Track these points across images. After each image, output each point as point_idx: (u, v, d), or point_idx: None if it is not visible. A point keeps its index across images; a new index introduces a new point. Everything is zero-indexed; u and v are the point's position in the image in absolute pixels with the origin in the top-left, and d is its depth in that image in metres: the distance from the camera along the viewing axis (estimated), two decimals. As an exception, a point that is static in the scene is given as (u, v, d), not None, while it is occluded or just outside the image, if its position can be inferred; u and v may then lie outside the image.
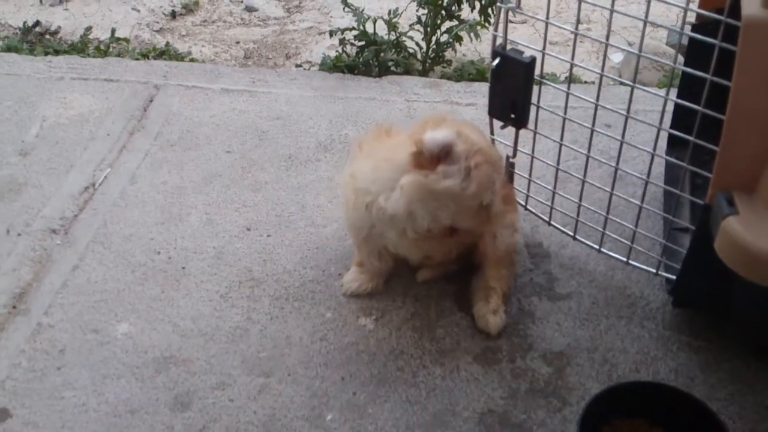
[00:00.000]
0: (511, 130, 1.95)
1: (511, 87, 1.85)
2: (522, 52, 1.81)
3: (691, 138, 1.62)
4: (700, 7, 1.86)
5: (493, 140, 2.05)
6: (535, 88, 1.87)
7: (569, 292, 1.97)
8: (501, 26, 1.83)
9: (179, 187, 2.31)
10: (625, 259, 1.97)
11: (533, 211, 2.14)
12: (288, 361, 1.81)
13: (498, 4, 1.82)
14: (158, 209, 2.23)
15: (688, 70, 1.59)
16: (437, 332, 1.87)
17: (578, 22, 1.81)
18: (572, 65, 1.84)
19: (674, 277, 1.81)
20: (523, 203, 2.14)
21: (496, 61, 1.83)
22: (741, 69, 1.35)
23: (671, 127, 1.88)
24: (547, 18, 1.81)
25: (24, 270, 2.04)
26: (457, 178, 1.55)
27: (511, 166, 2.04)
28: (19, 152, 2.45)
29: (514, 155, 2.03)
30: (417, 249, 1.84)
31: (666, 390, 1.59)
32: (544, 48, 1.85)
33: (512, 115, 1.89)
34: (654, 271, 1.92)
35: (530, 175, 2.07)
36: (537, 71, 1.83)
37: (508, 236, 1.91)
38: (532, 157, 2.03)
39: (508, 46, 1.84)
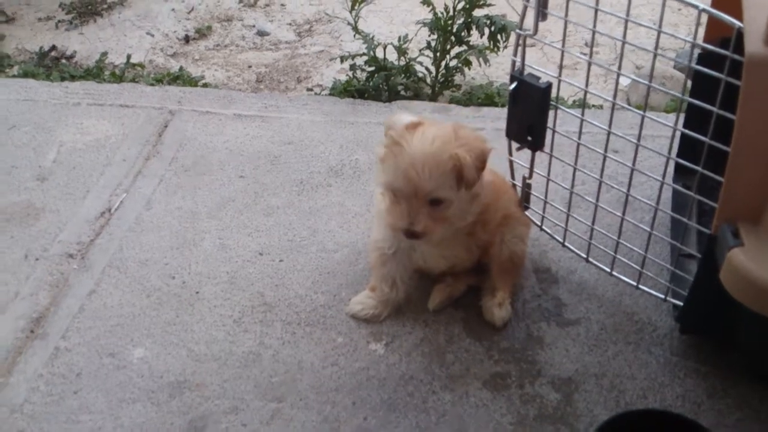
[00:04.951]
0: (526, 152, 1.99)
1: (528, 111, 1.89)
2: (539, 78, 1.86)
3: (698, 168, 1.65)
4: (707, 37, 1.89)
5: (511, 162, 2.08)
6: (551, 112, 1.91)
7: (578, 317, 1.99)
8: (519, 52, 1.87)
9: (193, 212, 2.35)
10: (635, 284, 1.99)
11: (549, 232, 2.17)
12: (300, 386, 1.83)
13: (517, 30, 1.86)
14: (173, 234, 2.27)
15: (695, 102, 1.62)
16: (447, 358, 1.90)
17: (591, 49, 1.85)
18: (586, 92, 1.88)
19: (681, 304, 1.83)
20: (539, 224, 2.17)
21: (514, 85, 1.87)
22: (745, 104, 1.38)
23: (679, 153, 1.91)
24: (563, 46, 1.85)
25: (42, 294, 2.08)
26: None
27: (527, 187, 2.07)
28: (36, 177, 2.50)
29: (530, 176, 2.06)
30: (443, 258, 1.95)
31: (673, 417, 1.61)
32: (560, 75, 1.89)
33: (529, 138, 1.93)
34: (663, 296, 1.93)
35: (546, 197, 2.09)
36: (552, 96, 1.87)
37: (515, 243, 1.99)
38: (548, 180, 2.06)
39: (526, 71, 1.88)
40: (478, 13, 2.94)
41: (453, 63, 3.07)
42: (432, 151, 1.70)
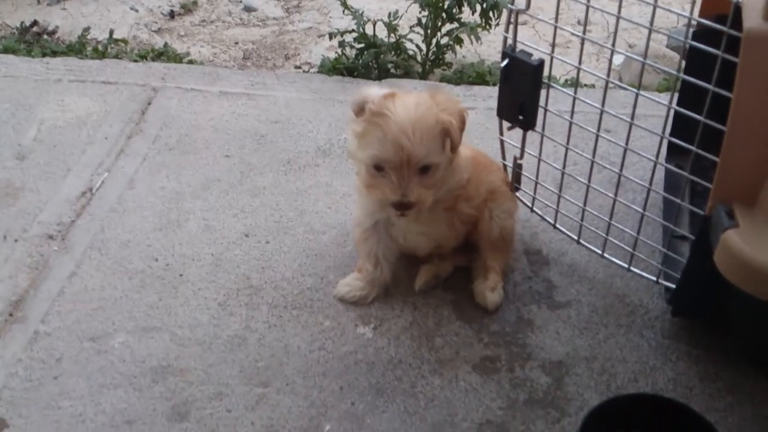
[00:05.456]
0: (517, 131, 1.95)
1: (520, 88, 1.85)
2: (531, 55, 1.81)
3: (692, 148, 1.61)
4: (701, 13, 1.85)
5: (502, 142, 2.04)
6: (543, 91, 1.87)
7: (568, 300, 1.96)
8: (511, 28, 1.83)
9: (177, 192, 2.30)
10: (626, 266, 1.96)
11: (540, 213, 2.13)
12: (286, 371, 1.80)
13: (508, 6, 1.82)
14: (156, 215, 2.22)
15: (690, 79, 1.58)
16: (436, 341, 1.86)
17: (585, 27, 1.81)
18: (579, 70, 1.84)
19: (674, 286, 1.80)
20: (530, 205, 2.13)
21: (505, 62, 1.83)
22: (742, 81, 1.34)
23: (672, 133, 1.87)
24: (556, 21, 1.80)
25: (21, 277, 2.03)
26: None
27: (518, 168, 2.03)
28: (16, 156, 2.44)
29: (521, 156, 2.02)
30: (422, 236, 1.90)
31: (664, 402, 1.59)
32: (552, 51, 1.85)
33: (520, 117, 1.89)
34: (655, 279, 1.91)
35: (537, 177, 2.05)
36: (545, 74, 1.82)
37: (504, 219, 1.95)
38: (539, 160, 2.02)
39: (518, 48, 1.84)
40: (469, -11, 2.88)
41: (444, 41, 3.01)
42: (418, 117, 1.66)
